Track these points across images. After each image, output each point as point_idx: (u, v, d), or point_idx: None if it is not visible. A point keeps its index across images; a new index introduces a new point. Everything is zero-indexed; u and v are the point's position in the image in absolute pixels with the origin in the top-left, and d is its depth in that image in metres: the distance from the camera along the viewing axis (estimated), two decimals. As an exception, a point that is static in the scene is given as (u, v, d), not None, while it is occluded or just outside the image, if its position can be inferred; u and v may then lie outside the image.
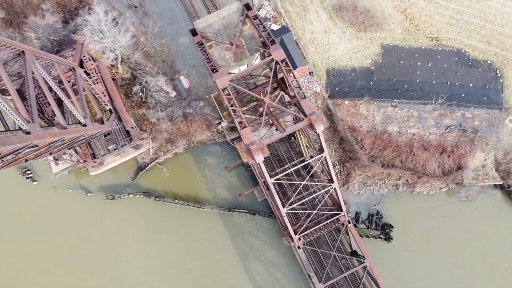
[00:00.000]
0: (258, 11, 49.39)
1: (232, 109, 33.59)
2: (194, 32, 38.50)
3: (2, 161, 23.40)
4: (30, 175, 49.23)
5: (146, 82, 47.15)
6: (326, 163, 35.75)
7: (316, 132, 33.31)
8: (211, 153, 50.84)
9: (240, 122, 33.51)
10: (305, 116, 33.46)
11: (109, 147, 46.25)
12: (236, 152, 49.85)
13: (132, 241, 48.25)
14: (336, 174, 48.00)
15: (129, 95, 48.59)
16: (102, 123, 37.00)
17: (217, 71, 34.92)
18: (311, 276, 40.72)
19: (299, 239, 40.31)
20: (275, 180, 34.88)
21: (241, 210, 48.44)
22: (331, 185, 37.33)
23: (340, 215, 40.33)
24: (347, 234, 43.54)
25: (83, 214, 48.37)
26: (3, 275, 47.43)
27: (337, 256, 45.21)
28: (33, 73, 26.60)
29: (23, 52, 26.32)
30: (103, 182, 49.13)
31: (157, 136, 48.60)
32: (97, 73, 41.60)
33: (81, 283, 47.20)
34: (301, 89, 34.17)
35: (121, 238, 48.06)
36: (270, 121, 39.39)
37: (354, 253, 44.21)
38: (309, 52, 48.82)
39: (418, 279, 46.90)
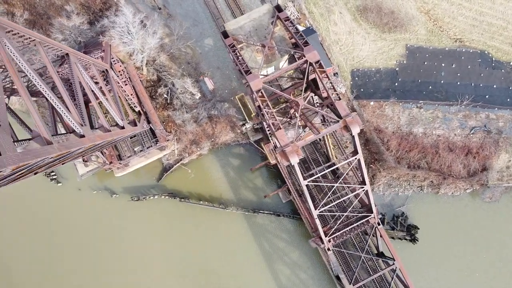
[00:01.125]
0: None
1: (266, 111, 33.60)
2: (225, 34, 38.52)
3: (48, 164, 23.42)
4: (54, 177, 49.32)
5: (172, 84, 47.22)
6: (360, 165, 35.73)
7: (351, 134, 33.30)
8: (235, 154, 50.86)
9: (274, 124, 33.49)
10: (340, 117, 33.43)
11: (135, 149, 46.31)
12: (259, 153, 49.90)
13: (156, 242, 48.31)
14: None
15: (154, 96, 48.63)
16: (135, 125, 37.02)
17: (250, 73, 34.93)
18: (341, 278, 40.67)
19: (329, 241, 40.26)
20: (308, 181, 34.82)
21: (266, 211, 48.42)
22: (363, 187, 37.29)
23: (370, 217, 40.27)
24: (373, 235, 43.68)
25: (108, 215, 48.45)
26: (29, 273, 47.61)
27: (363, 258, 45.14)
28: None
29: (67, 54, 26.35)
30: (128, 183, 49.19)
31: (182, 138, 48.64)
32: (125, 75, 41.64)
33: (106, 281, 47.39)
34: (335, 91, 34.14)
35: (145, 238, 48.12)
36: (302, 122, 39.49)
37: (380, 255, 44.23)
38: (334, 53, 48.79)
39: (443, 280, 46.85)
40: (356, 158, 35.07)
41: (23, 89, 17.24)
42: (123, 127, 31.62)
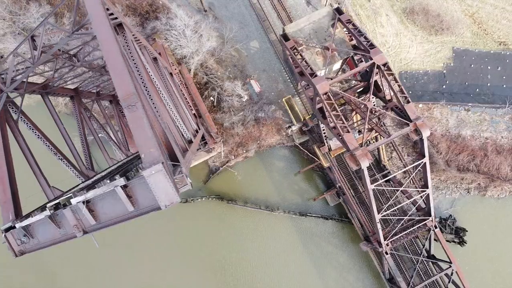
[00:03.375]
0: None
1: (334, 114, 33.47)
2: (285, 37, 38.44)
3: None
4: (101, 179, 49.09)
5: (220, 86, 47.09)
6: (424, 168, 35.64)
7: (421, 138, 33.23)
8: (280, 156, 50.73)
9: (342, 127, 33.36)
10: (410, 121, 33.36)
11: (184, 151, 46.11)
12: (304, 155, 49.82)
13: (203, 243, 48.24)
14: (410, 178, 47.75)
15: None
16: (197, 132, 36.78)
17: (316, 75, 34.82)
18: (398, 281, 40.54)
19: (387, 244, 40.14)
20: (375, 186, 34.72)
21: (314, 215, 48.30)
22: (424, 191, 37.20)
23: (427, 220, 40.18)
24: (424, 238, 43.61)
25: (157, 217, 48.13)
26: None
27: (414, 260, 45.04)
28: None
29: (155, 58, 26.16)
30: (174, 186, 48.99)
31: (228, 140, 48.47)
32: (180, 78, 41.47)
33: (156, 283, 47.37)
34: (404, 93, 34.03)
35: (193, 239, 48.05)
36: (360, 126, 39.39)
37: (432, 257, 44.14)
38: (381, 55, 48.66)
39: (494, 283, 46.83)
40: (422, 162, 35.05)
41: (157, 96, 17.07)
42: (190, 141, 29.59)
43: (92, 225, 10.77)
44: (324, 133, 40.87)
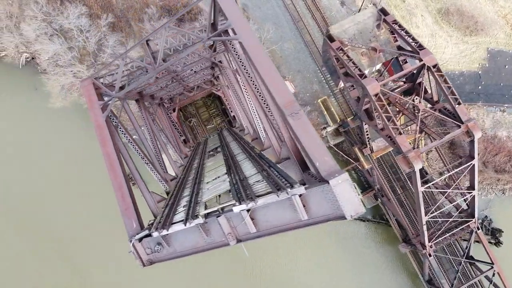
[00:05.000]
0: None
1: (386, 116, 33.34)
2: (331, 38, 38.30)
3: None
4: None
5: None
6: (472, 170, 35.55)
7: (472, 139, 33.16)
8: (313, 158, 50.55)
9: (393, 129, 33.25)
10: (461, 122, 33.28)
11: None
12: (340, 157, 49.67)
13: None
14: (445, 179, 47.76)
15: (235, 100, 48.31)
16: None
17: (365, 76, 34.69)
18: (442, 283, 40.51)
19: (431, 246, 40.08)
20: (425, 188, 34.62)
21: (350, 216, 48.18)
22: (471, 192, 37.12)
23: (470, 222, 40.10)
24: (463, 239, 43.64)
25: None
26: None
27: (453, 262, 45.03)
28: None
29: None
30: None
31: (263, 141, 48.29)
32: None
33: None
34: (454, 95, 33.95)
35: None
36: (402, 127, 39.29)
37: (471, 258, 44.09)
38: (416, 56, 48.57)
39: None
40: (471, 164, 34.96)
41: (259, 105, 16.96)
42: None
43: (249, 233, 10.61)
44: (367, 134, 40.72)
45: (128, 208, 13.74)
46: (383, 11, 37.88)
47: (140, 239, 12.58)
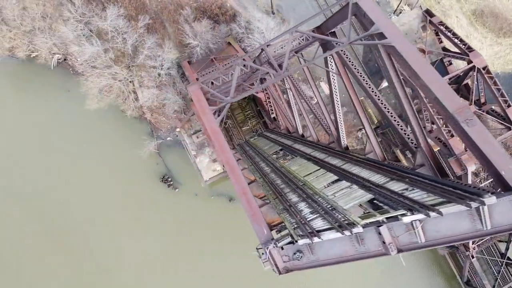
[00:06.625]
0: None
1: (437, 117, 33.42)
2: (430, 13, 38.61)
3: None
4: (171, 183, 48.84)
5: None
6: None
7: (525, 141, 33.29)
8: (347, 159, 50.64)
9: (447, 131, 33.33)
10: (512, 124, 33.42)
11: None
12: (374, 158, 49.72)
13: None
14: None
15: (271, 101, 48.28)
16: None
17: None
18: (485, 284, 40.62)
19: (474, 248, 40.20)
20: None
21: (385, 217, 48.30)
22: (517, 193, 37.24)
23: None
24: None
25: (227, 218, 48.05)
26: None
27: (491, 263, 45.14)
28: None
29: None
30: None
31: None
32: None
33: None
34: (504, 97, 34.09)
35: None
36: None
37: (508, 259, 44.29)
38: (451, 57, 48.69)
39: None
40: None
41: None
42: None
43: (414, 243, 10.57)
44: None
45: (255, 213, 13.68)
46: (429, 13, 38.03)
47: (282, 247, 12.50)
